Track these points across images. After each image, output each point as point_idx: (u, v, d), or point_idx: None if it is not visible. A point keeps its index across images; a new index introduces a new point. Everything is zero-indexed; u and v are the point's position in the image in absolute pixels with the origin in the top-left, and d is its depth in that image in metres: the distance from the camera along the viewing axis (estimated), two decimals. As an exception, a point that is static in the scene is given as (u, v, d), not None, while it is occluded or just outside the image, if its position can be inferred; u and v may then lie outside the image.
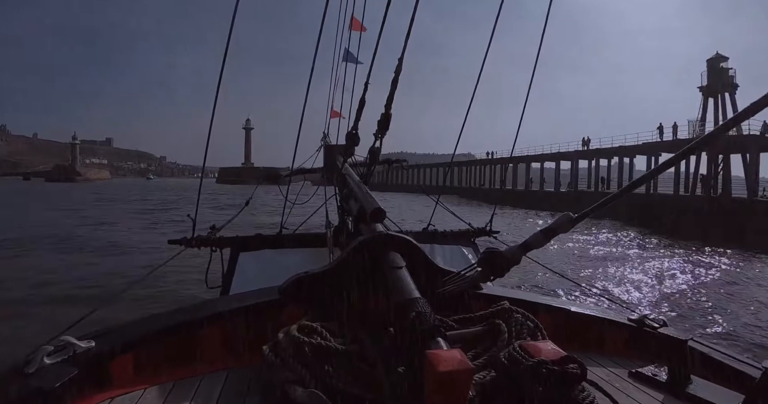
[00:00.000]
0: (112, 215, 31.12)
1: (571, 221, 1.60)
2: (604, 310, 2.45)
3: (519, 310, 1.88)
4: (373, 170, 4.14)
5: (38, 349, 1.55)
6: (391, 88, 2.60)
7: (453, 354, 1.24)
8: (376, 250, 1.93)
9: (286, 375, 1.53)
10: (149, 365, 1.77)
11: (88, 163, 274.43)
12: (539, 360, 1.23)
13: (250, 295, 2.13)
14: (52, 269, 13.45)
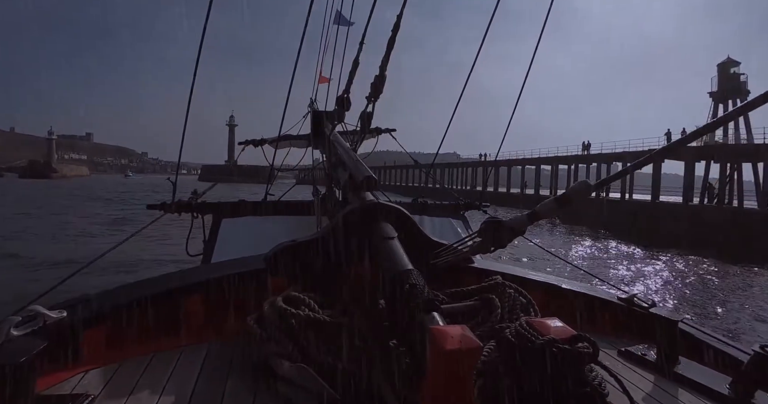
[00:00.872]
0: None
1: (589, 189, 1.55)
2: (595, 288, 2.44)
3: (512, 285, 1.85)
4: (364, 136, 4.08)
5: (4, 320, 1.45)
6: (387, 48, 2.50)
7: (457, 331, 1.20)
8: (367, 219, 1.87)
9: (272, 348, 1.48)
10: (126, 337, 1.69)
11: (66, 158, 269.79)
12: (550, 339, 1.15)
13: (233, 263, 2.06)
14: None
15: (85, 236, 18.68)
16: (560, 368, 1.12)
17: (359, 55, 3.18)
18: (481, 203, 5.30)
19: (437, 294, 1.61)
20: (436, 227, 4.61)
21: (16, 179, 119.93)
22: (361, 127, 3.45)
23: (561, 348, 1.13)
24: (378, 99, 2.71)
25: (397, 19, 2.46)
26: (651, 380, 1.71)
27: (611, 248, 21.73)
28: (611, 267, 16.18)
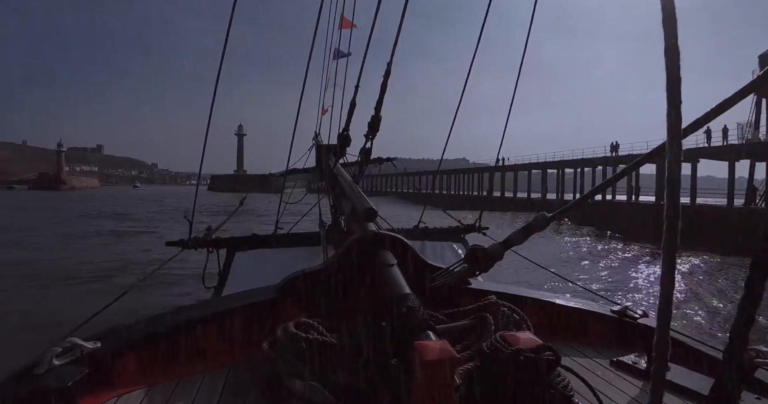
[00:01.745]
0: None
1: (546, 220, 1.72)
2: (588, 302, 2.52)
3: (506, 304, 1.95)
4: (365, 170, 4.30)
5: (47, 350, 1.60)
6: (380, 92, 2.66)
7: (439, 345, 1.33)
8: (369, 248, 2.00)
9: (286, 369, 1.60)
10: (153, 363, 1.83)
11: (78, 170, 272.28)
12: (517, 349, 1.34)
13: (248, 294, 2.18)
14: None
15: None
16: (526, 374, 1.32)
17: (356, 96, 3.35)
18: (480, 226, 5.47)
19: (435, 315, 1.76)
20: (437, 252, 4.82)
21: (25, 191, 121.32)
22: (361, 162, 3.67)
23: (526, 356, 1.32)
24: (375, 137, 2.90)
25: (387, 67, 2.61)
26: (641, 387, 1.79)
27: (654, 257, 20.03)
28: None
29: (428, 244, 4.85)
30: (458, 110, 4.42)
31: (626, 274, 16.99)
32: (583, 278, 14.79)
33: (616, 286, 14.80)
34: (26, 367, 1.58)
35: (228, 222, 5.39)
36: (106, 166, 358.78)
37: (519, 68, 4.07)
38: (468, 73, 4.19)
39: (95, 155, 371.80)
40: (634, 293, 13.52)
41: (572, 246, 24.48)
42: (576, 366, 1.71)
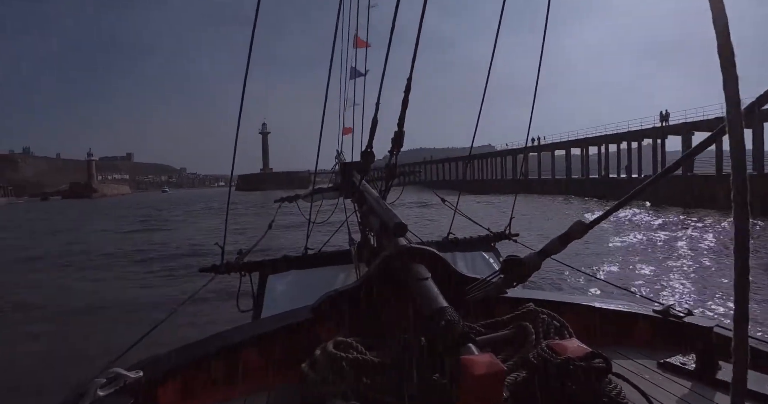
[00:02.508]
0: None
1: (585, 228, 1.66)
2: (629, 304, 2.45)
3: (544, 311, 1.91)
4: (391, 185, 4.28)
5: (91, 382, 1.62)
6: (402, 107, 2.66)
7: (485, 358, 1.29)
8: (402, 263, 1.99)
9: (327, 390, 1.59)
10: (195, 389, 1.85)
11: (109, 179, 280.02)
12: (566, 358, 1.30)
13: (284, 316, 2.18)
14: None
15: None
16: (577, 383, 1.28)
17: (377, 114, 3.33)
18: (510, 233, 5.39)
19: (473, 327, 1.73)
20: (468, 262, 4.80)
21: (59, 201, 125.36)
22: (386, 177, 3.70)
23: (577, 365, 1.29)
24: (399, 152, 2.94)
25: (407, 82, 2.62)
26: (692, 389, 1.73)
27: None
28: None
29: (459, 255, 4.83)
30: (485, 95, 4.36)
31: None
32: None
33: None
34: (72, 399, 1.60)
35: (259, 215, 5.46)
36: (136, 173, 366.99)
37: (540, 52, 3.94)
38: (491, 59, 4.11)
39: (125, 163, 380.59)
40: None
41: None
42: (623, 371, 1.69)
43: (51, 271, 18.10)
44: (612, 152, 50.45)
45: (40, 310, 12.03)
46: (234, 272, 4.49)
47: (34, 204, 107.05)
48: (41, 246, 25.61)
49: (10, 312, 12.13)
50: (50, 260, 20.71)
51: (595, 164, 52.25)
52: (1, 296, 13.36)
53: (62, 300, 13.03)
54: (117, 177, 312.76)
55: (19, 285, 15.52)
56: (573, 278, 11.36)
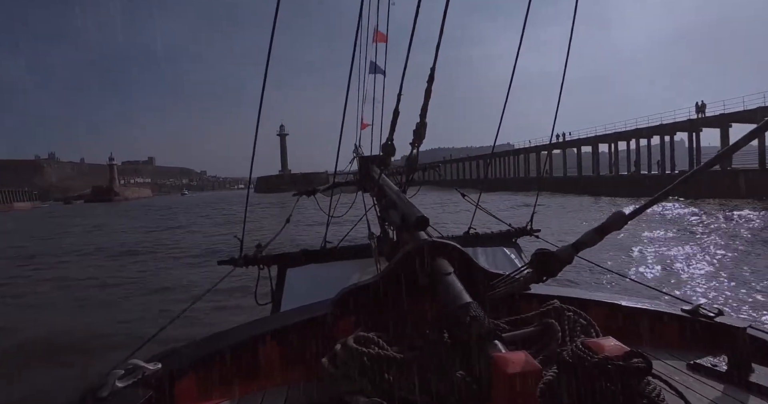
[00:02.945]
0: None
1: (624, 219, 1.61)
2: (656, 302, 2.37)
3: (570, 308, 1.88)
4: (411, 178, 4.30)
5: (109, 373, 1.64)
6: (425, 98, 2.63)
7: (519, 356, 1.26)
8: (424, 258, 1.96)
9: (347, 385, 1.57)
10: (213, 383, 1.84)
11: (132, 182, 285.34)
12: (603, 357, 1.25)
13: (303, 310, 2.16)
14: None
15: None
16: (616, 384, 1.21)
17: (398, 105, 3.29)
18: (531, 229, 5.33)
19: (497, 324, 1.69)
20: (489, 257, 4.74)
21: (81, 204, 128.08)
22: (407, 170, 3.73)
23: (615, 364, 1.22)
24: (421, 145, 2.89)
25: (431, 72, 2.57)
26: (724, 391, 1.66)
27: None
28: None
29: (479, 250, 4.76)
30: (509, 93, 4.23)
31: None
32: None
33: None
34: (90, 390, 1.60)
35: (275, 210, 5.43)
36: (158, 176, 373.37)
37: (567, 49, 3.81)
38: (516, 56, 4.00)
39: (147, 167, 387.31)
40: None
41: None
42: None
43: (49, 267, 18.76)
44: (643, 146, 49.03)
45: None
46: (252, 265, 4.50)
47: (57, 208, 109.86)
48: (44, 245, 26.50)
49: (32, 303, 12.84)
50: (50, 258, 21.31)
51: (624, 160, 51.10)
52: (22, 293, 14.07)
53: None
54: (139, 181, 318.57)
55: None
56: (595, 275, 10.90)
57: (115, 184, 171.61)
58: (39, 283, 15.66)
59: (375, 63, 8.26)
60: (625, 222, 1.62)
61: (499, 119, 4.51)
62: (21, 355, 8.40)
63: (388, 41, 7.66)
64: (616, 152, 51.67)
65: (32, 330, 10.06)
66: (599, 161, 53.82)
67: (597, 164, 53.12)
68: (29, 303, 13.08)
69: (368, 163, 5.55)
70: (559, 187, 49.09)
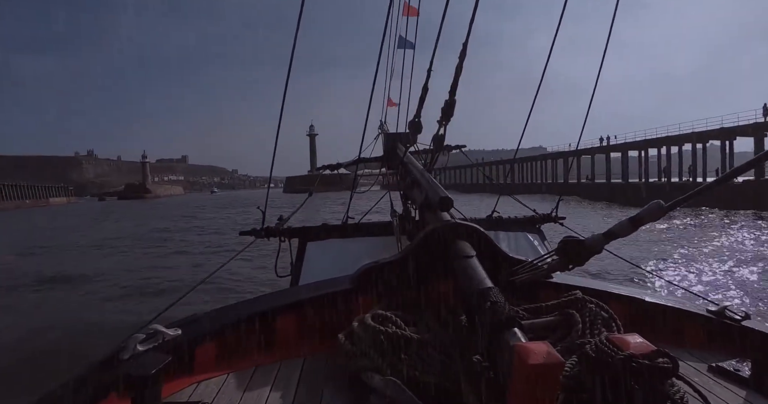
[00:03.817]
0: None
1: (662, 209, 1.53)
2: (681, 300, 2.35)
3: (592, 300, 1.83)
4: (437, 157, 4.16)
5: (130, 337, 1.66)
6: (455, 74, 2.54)
7: (541, 347, 1.22)
8: (446, 239, 1.93)
9: (363, 363, 1.57)
10: (231, 351, 1.86)
11: (165, 180, 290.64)
12: (629, 354, 1.19)
13: (322, 284, 2.17)
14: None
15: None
16: (640, 383, 1.16)
17: (428, 81, 3.23)
18: (557, 215, 5.15)
19: (517, 311, 1.61)
20: (511, 242, 4.60)
21: (114, 200, 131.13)
22: (433, 149, 3.56)
23: (640, 363, 1.16)
24: (449, 122, 2.80)
25: (463, 47, 2.50)
26: (746, 397, 1.61)
27: None
28: None
29: (501, 234, 4.60)
30: (537, 95, 4.17)
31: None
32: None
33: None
34: (112, 352, 1.63)
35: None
36: (191, 174, 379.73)
37: (605, 46, 3.71)
38: (548, 58, 3.94)
39: (180, 165, 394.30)
40: None
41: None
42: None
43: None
44: (685, 151, 46.78)
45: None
46: (273, 237, 4.48)
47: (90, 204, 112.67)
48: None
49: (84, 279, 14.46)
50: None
51: (655, 166, 49.19)
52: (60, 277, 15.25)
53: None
54: (172, 178, 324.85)
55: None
56: (618, 267, 10.46)
57: (147, 181, 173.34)
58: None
59: (405, 38, 8.06)
60: (663, 213, 1.54)
61: (525, 122, 4.42)
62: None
63: (419, 15, 7.39)
64: (668, 156, 47.94)
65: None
66: (642, 165, 50.92)
67: (646, 169, 50.01)
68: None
69: (394, 140, 5.41)
70: (591, 193, 47.63)
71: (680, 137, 45.69)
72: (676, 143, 46.44)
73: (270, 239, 4.53)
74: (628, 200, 38.08)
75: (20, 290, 13.29)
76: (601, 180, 55.02)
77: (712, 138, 41.95)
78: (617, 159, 56.01)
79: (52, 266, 16.96)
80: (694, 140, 43.54)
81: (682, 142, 45.43)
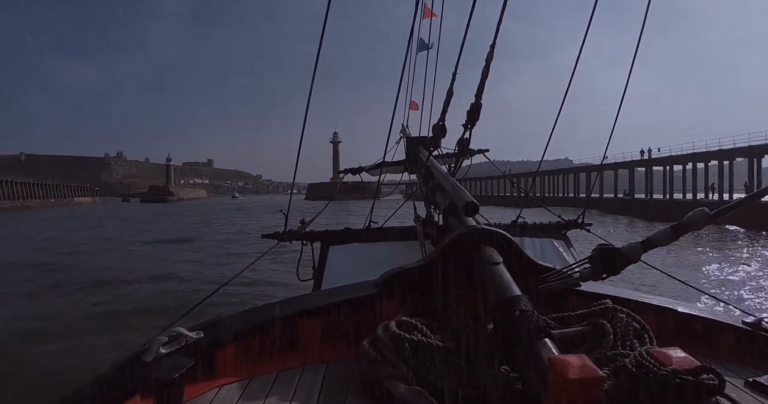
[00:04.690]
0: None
1: (707, 218, 1.46)
2: (715, 311, 2.23)
3: (623, 309, 1.76)
4: (461, 162, 4.14)
5: (153, 339, 1.64)
6: (481, 77, 2.50)
7: (578, 360, 1.16)
8: (472, 244, 1.90)
9: (388, 370, 1.54)
10: (253, 355, 1.84)
11: (191, 183, 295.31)
12: (672, 369, 1.14)
13: (346, 289, 2.14)
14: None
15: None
16: (684, 400, 1.11)
17: (453, 85, 3.16)
18: (583, 222, 5.07)
19: (547, 320, 1.54)
20: (537, 248, 4.50)
21: (137, 202, 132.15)
22: (458, 153, 3.54)
23: (685, 379, 1.11)
24: (474, 126, 2.74)
25: (490, 49, 2.46)
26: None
27: None
28: None
29: (527, 240, 4.52)
30: (562, 106, 4.11)
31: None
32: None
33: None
34: (135, 354, 1.62)
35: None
36: (215, 178, 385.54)
37: (633, 57, 3.66)
38: (574, 68, 3.86)
39: (206, 169, 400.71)
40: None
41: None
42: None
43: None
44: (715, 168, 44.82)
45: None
46: (296, 240, 4.48)
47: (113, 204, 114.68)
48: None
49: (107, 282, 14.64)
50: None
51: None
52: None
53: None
54: (198, 181, 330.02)
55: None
56: (645, 276, 10.33)
57: (170, 184, 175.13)
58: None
59: (428, 41, 8.05)
60: (707, 222, 1.46)
61: (550, 133, 4.39)
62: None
63: (435, 16, 7.44)
64: (719, 171, 45.07)
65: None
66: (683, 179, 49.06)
67: (694, 184, 47.96)
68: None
69: (416, 144, 5.34)
70: (628, 209, 45.61)
71: (732, 150, 43.91)
72: (726, 157, 44.43)
73: (292, 242, 4.52)
74: (670, 217, 37.01)
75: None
76: (640, 195, 53.38)
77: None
78: (659, 173, 53.21)
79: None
80: (746, 155, 41.75)
81: (733, 156, 43.71)
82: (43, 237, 28.54)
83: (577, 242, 4.89)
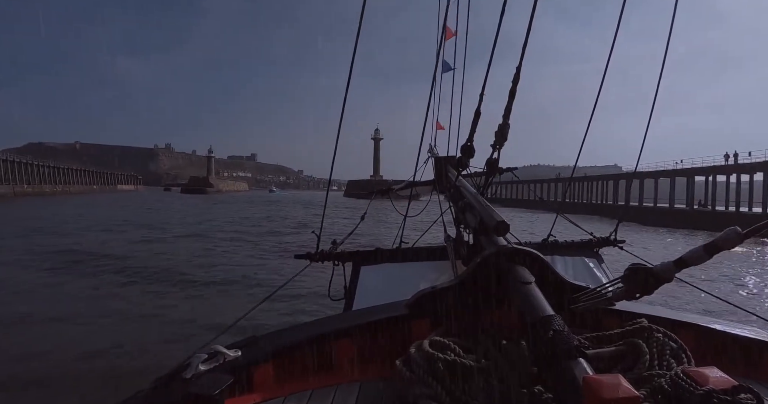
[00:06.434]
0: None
1: (739, 236, 1.42)
2: (755, 330, 2.14)
3: (660, 329, 1.73)
4: (491, 182, 4.09)
5: (193, 356, 1.69)
6: (508, 99, 2.54)
7: (614, 380, 1.14)
8: (503, 264, 1.89)
9: (422, 390, 1.55)
10: (288, 374, 1.86)
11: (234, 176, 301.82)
12: (709, 389, 1.12)
13: (378, 309, 2.16)
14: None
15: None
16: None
17: (480, 106, 3.18)
18: (616, 239, 4.97)
19: (581, 340, 1.55)
20: (569, 267, 4.45)
21: (178, 192, 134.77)
22: (487, 173, 3.54)
23: (722, 399, 1.09)
24: (502, 147, 2.76)
25: (516, 71, 2.47)
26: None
27: None
28: None
29: (558, 259, 4.49)
30: (594, 110, 4.06)
31: None
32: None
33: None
34: (175, 370, 1.66)
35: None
36: (258, 172, 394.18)
37: (663, 60, 3.66)
38: (605, 70, 3.81)
39: (249, 163, 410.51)
40: None
41: None
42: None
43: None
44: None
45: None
46: (327, 261, 4.52)
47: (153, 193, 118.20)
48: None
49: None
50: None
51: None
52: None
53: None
54: (241, 174, 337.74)
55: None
56: (683, 294, 10.11)
57: (210, 176, 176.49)
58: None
59: (453, 63, 8.17)
60: (740, 241, 1.44)
61: (583, 137, 4.35)
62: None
63: (455, 35, 7.63)
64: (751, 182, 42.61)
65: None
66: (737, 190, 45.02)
67: (739, 194, 44.23)
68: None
69: (444, 164, 5.42)
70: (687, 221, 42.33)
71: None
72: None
73: (324, 263, 4.57)
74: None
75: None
76: (681, 205, 50.28)
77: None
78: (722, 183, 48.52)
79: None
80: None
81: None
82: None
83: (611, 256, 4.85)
